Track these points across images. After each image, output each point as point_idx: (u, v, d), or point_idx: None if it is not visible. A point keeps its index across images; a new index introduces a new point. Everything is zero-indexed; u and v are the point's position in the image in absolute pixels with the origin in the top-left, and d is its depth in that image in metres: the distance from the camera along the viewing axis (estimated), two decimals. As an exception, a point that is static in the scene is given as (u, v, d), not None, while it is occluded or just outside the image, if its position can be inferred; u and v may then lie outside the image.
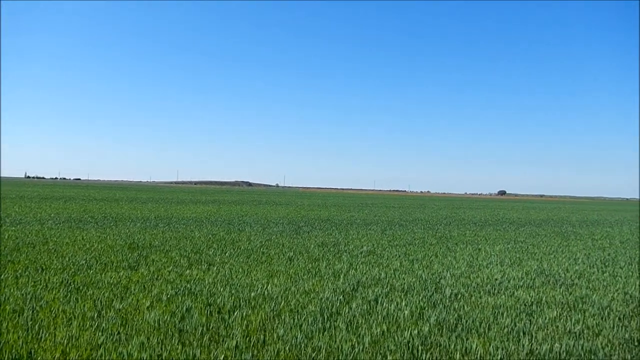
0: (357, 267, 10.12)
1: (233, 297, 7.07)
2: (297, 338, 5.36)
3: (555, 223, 27.99)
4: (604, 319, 6.67)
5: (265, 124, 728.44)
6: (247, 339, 5.30)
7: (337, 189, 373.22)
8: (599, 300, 7.71)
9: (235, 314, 6.24)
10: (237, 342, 5.15)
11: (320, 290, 7.76)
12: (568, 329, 6.15)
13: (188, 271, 9.05)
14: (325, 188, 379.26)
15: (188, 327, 5.64)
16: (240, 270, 9.34)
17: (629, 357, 5.25)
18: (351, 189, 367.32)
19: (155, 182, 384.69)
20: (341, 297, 7.35)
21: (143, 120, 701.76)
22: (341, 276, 9.00)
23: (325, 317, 6.24)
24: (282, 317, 6.16)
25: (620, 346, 5.61)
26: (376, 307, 6.86)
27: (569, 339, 5.75)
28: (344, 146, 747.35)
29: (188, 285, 7.77)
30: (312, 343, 5.25)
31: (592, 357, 5.21)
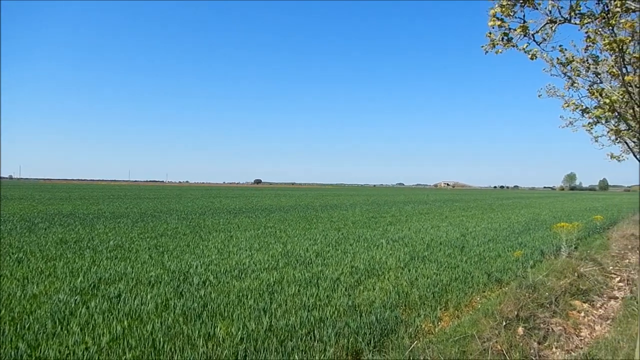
0: (101, 263, 9.40)
1: None
2: (18, 350, 4.70)
3: (302, 208, 30.58)
4: (334, 291, 7.53)
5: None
6: (-50, 359, 4.44)
7: (86, 180, 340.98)
8: (330, 275, 8.67)
9: None
10: None
11: (54, 293, 6.97)
12: (304, 302, 6.77)
13: None
14: (73, 180, 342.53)
15: None
16: (-53, 278, 7.76)
17: (351, 320, 6.03)
18: (103, 180, 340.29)
19: None
20: (78, 297, 6.72)
21: None
22: (81, 274, 8.23)
23: (57, 321, 5.62)
24: (1, 329, 5.32)
25: (345, 312, 6.40)
26: (118, 303, 6.47)
27: (304, 311, 6.33)
28: (94, 131, 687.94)
29: None
30: (38, 353, 4.67)
31: (321, 324, 5.82)
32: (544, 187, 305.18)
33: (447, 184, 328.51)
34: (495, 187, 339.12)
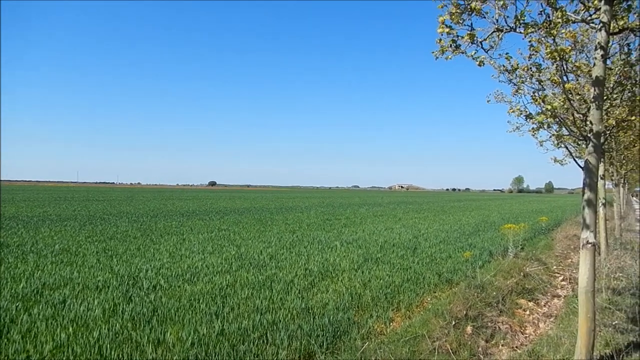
0: (45, 268, 9.03)
1: None
2: (-48, 360, 4.45)
3: (257, 211, 30.38)
4: (287, 293, 7.50)
5: None
6: None
7: (31, 181, 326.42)
8: (284, 277, 8.63)
9: None
10: None
11: (-7, 299, 6.64)
12: (257, 306, 6.71)
13: None
14: (17, 181, 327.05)
15: None
16: None
17: (304, 323, 6.02)
18: (49, 182, 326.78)
19: None
20: (20, 303, 6.43)
21: None
22: (23, 280, 7.88)
23: (-4, 329, 5.36)
24: None
25: (298, 315, 6.39)
26: (63, 309, 6.23)
27: (257, 314, 6.27)
28: (39, 130, 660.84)
29: None
30: (-26, 362, 4.44)
31: (274, 327, 5.79)
32: (494, 190, 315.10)
33: (402, 187, 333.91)
34: (447, 189, 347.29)
